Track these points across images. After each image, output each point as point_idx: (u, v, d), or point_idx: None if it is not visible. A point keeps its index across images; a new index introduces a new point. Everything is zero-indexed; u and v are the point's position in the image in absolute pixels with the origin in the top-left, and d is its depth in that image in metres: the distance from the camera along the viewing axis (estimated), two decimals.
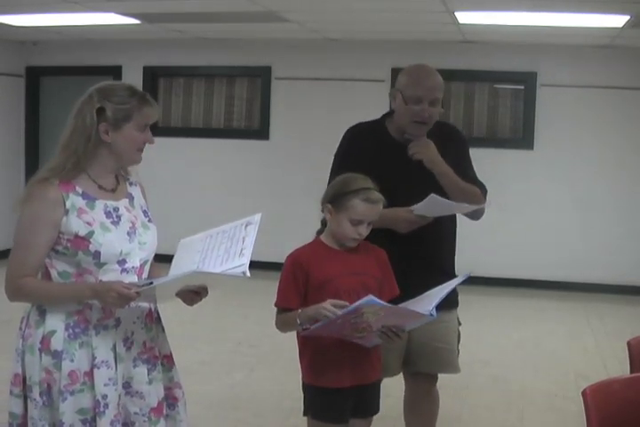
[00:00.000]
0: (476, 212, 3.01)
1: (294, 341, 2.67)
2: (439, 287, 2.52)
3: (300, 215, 6.71)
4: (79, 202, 2.23)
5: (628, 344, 2.65)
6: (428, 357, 3.08)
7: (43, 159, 8.21)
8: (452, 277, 2.86)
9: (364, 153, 2.99)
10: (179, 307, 2.29)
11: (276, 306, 2.60)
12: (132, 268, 2.29)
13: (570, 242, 7.56)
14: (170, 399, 2.40)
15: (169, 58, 8.18)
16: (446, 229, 3.10)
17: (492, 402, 4.44)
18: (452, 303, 3.10)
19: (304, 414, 2.67)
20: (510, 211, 7.28)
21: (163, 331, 2.45)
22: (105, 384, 2.22)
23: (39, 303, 2.27)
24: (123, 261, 2.26)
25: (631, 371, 2.59)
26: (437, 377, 3.22)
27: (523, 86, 7.60)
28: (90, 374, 2.22)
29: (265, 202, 7.74)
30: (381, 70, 7.61)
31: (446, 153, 2.96)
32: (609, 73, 7.36)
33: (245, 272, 2.13)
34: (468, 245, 3.28)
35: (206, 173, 8.24)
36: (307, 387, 2.65)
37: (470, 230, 3.24)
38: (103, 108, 2.22)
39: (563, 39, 6.97)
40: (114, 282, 2.18)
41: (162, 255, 2.56)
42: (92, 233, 2.21)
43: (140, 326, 2.33)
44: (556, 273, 7.58)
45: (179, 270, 2.24)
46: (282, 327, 2.61)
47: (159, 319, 2.45)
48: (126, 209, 2.34)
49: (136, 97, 2.25)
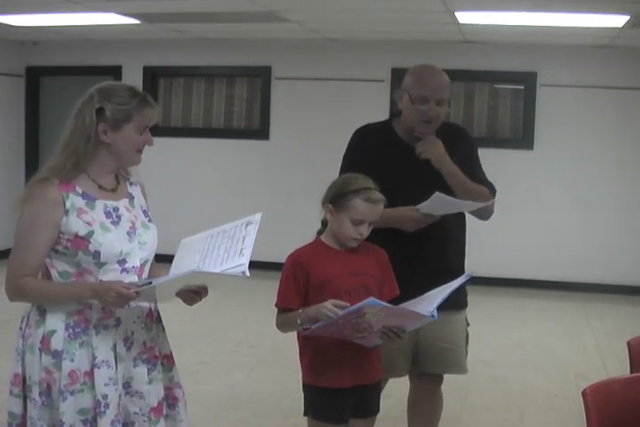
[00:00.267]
0: (484, 211, 3.00)
1: (294, 341, 2.67)
2: (440, 288, 2.52)
3: (300, 215, 6.71)
4: (79, 202, 2.23)
5: (628, 344, 2.65)
6: (434, 357, 3.07)
7: (43, 159, 8.20)
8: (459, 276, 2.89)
9: (371, 153, 3.00)
10: (179, 307, 2.29)
11: (277, 306, 2.59)
12: (133, 268, 2.29)
13: (570, 242, 7.56)
14: (170, 399, 2.40)
15: (169, 58, 8.18)
16: (453, 228, 3.08)
17: (492, 402, 4.44)
18: (460, 304, 3.11)
19: (304, 414, 2.67)
20: (510, 211, 7.27)
21: (163, 331, 2.45)
22: (105, 384, 2.22)
23: (39, 303, 2.27)
24: (123, 261, 2.26)
25: (631, 371, 2.59)
26: (442, 378, 3.22)
27: (523, 86, 7.60)
28: (90, 374, 2.22)
29: (265, 202, 7.74)
30: (381, 70, 7.60)
31: (454, 153, 2.96)
32: (609, 73, 7.36)
33: (245, 272, 2.13)
34: (467, 245, 3.27)
35: (206, 173, 8.24)
36: (307, 387, 2.65)
37: (470, 230, 3.23)
38: (103, 108, 2.22)
39: (562, 39, 6.97)
40: (113, 282, 2.18)
41: (162, 255, 2.56)
42: (91, 233, 2.21)
43: (141, 325, 2.33)
44: (556, 273, 7.58)
45: (179, 270, 2.23)
46: (282, 328, 2.61)
47: (159, 319, 2.45)
48: (126, 209, 2.34)
49: (137, 98, 2.25)
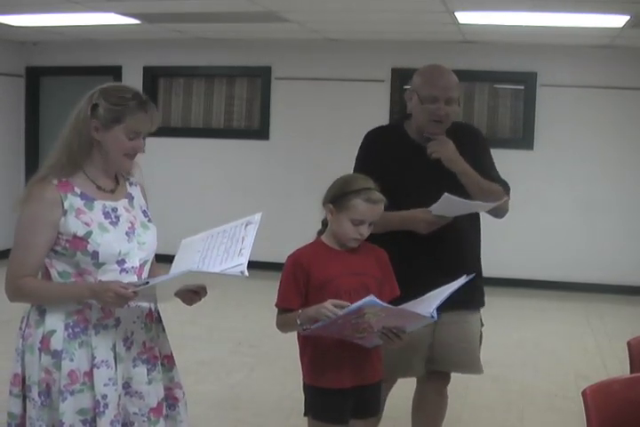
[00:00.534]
0: (498, 210, 2.99)
1: (294, 341, 2.67)
2: (441, 289, 2.52)
3: (301, 215, 6.72)
4: (77, 202, 2.24)
5: (628, 344, 2.65)
6: (450, 357, 3.08)
7: (43, 159, 8.11)
8: (479, 276, 2.96)
9: (384, 155, 3.01)
10: (179, 307, 2.29)
11: (277, 306, 2.59)
12: (132, 268, 2.29)
13: (570, 242, 7.55)
14: (170, 400, 2.40)
15: (169, 58, 8.18)
16: (467, 229, 3.07)
17: (492, 402, 4.44)
18: (478, 303, 3.13)
19: (304, 414, 2.66)
20: (510, 211, 7.24)
21: (163, 331, 2.45)
22: (105, 384, 2.22)
23: (39, 303, 2.27)
24: (122, 262, 2.26)
25: (631, 371, 2.59)
26: (450, 378, 3.22)
27: (523, 86, 7.60)
28: (89, 374, 2.22)
29: (265, 202, 7.74)
30: (381, 70, 7.61)
31: (466, 152, 2.96)
32: (609, 73, 7.36)
33: (244, 271, 2.13)
34: None
35: (206, 173, 8.24)
36: (307, 387, 2.65)
37: None
38: (97, 105, 2.23)
39: (563, 39, 6.97)
40: (111, 282, 2.18)
41: (162, 255, 2.56)
42: (89, 233, 2.21)
43: (140, 325, 2.33)
44: (556, 273, 7.58)
45: (178, 270, 2.24)
46: (282, 328, 2.61)
47: (160, 319, 2.45)
48: (125, 209, 2.34)
49: (134, 102, 2.23)
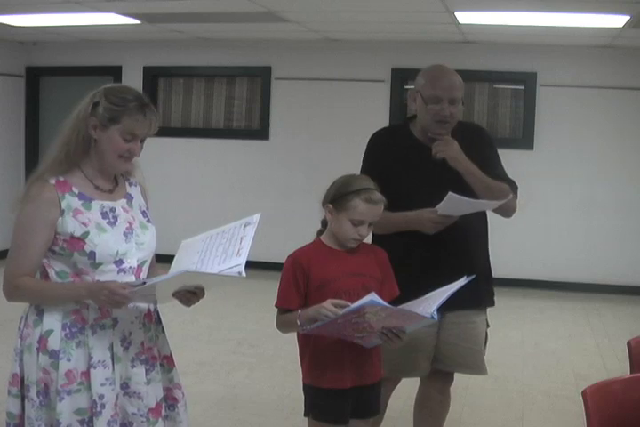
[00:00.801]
0: (505, 209, 2.98)
1: (294, 341, 2.67)
2: (441, 289, 2.51)
3: (300, 215, 6.72)
4: (75, 203, 2.24)
5: (628, 344, 2.66)
6: (455, 357, 3.08)
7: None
8: (487, 276, 2.99)
9: (389, 155, 3.01)
10: (178, 307, 2.29)
11: (277, 307, 2.59)
12: (130, 268, 2.28)
13: (570, 242, 7.56)
14: (169, 400, 2.40)
15: (169, 58, 8.17)
16: (474, 229, 3.06)
17: (492, 402, 4.44)
18: (483, 304, 3.13)
19: (305, 414, 2.66)
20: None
21: (163, 332, 2.45)
22: (101, 384, 2.22)
23: (37, 303, 2.27)
24: (119, 262, 2.26)
25: (631, 371, 2.60)
26: (453, 378, 3.22)
27: (523, 86, 7.60)
28: (86, 374, 2.22)
29: (265, 202, 7.75)
30: (381, 70, 7.61)
31: (472, 151, 2.95)
32: (609, 73, 7.36)
33: (241, 272, 2.13)
34: None
35: (206, 173, 8.24)
36: (307, 388, 2.65)
37: None
38: (98, 103, 2.23)
39: (563, 39, 6.97)
40: (108, 282, 2.18)
41: (162, 255, 2.56)
42: (86, 233, 2.21)
43: (139, 326, 2.33)
44: (556, 273, 7.58)
45: (176, 271, 2.23)
46: (282, 328, 2.61)
47: (159, 320, 2.45)
48: (123, 209, 2.34)
49: (134, 104, 2.23)
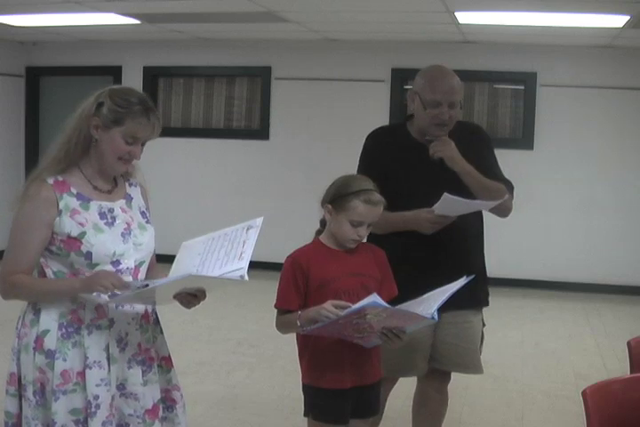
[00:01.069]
0: (501, 209, 2.98)
1: (294, 341, 2.67)
2: (440, 289, 2.51)
3: (300, 215, 6.71)
4: (73, 203, 2.24)
5: (628, 344, 2.66)
6: (451, 357, 3.08)
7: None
8: (483, 276, 3.00)
9: (386, 155, 3.01)
10: (178, 307, 2.29)
11: (276, 307, 2.59)
12: (127, 269, 2.28)
13: (570, 242, 7.55)
14: (168, 402, 2.40)
15: (169, 58, 8.17)
16: (471, 229, 3.06)
17: (492, 402, 4.44)
18: (479, 304, 3.13)
19: (305, 414, 2.66)
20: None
21: (161, 333, 2.44)
22: (97, 385, 2.21)
23: (33, 300, 2.26)
24: (116, 263, 2.26)
25: (631, 371, 2.60)
26: (450, 377, 3.23)
27: (523, 86, 7.59)
28: (82, 375, 2.22)
29: (265, 202, 7.75)
30: (381, 70, 7.61)
31: (470, 151, 2.96)
32: (609, 73, 7.35)
33: (243, 276, 2.12)
34: None
35: (206, 173, 8.24)
36: (307, 388, 2.64)
37: None
38: (103, 103, 2.23)
39: (563, 39, 6.97)
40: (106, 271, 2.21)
41: (162, 255, 2.56)
42: (83, 234, 2.21)
43: (135, 327, 2.32)
44: (556, 273, 7.58)
45: (178, 273, 2.23)
46: (282, 329, 2.60)
47: (157, 321, 2.44)
48: (122, 210, 2.33)
49: (138, 106, 2.23)
